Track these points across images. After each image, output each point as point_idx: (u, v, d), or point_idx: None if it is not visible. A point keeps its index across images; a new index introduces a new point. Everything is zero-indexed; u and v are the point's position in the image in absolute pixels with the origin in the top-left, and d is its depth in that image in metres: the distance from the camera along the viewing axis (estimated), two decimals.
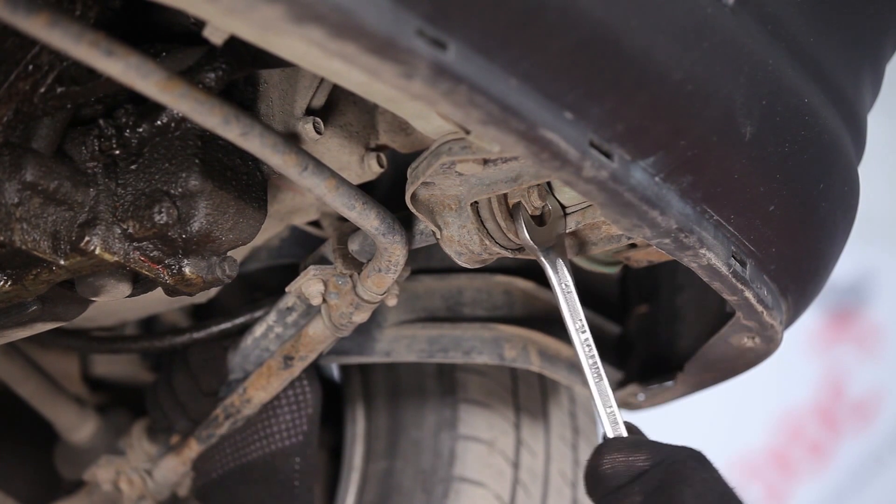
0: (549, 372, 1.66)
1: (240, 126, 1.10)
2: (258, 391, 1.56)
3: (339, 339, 1.52)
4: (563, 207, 1.33)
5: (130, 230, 1.24)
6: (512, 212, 1.29)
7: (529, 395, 1.83)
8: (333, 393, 1.92)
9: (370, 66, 0.96)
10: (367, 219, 1.28)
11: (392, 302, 1.48)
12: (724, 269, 1.22)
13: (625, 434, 1.27)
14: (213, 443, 1.62)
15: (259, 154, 1.14)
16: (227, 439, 1.62)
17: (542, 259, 1.30)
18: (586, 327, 1.29)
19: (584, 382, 1.30)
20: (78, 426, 1.85)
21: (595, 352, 1.29)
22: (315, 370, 1.62)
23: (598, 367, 1.29)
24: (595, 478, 1.23)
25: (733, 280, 1.24)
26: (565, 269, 1.30)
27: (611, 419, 1.28)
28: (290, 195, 1.48)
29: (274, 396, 1.59)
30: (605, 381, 1.28)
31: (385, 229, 1.30)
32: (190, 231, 1.25)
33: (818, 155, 1.28)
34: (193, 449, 1.63)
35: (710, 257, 1.20)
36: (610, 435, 1.27)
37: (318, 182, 1.20)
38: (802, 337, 3.97)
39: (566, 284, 1.30)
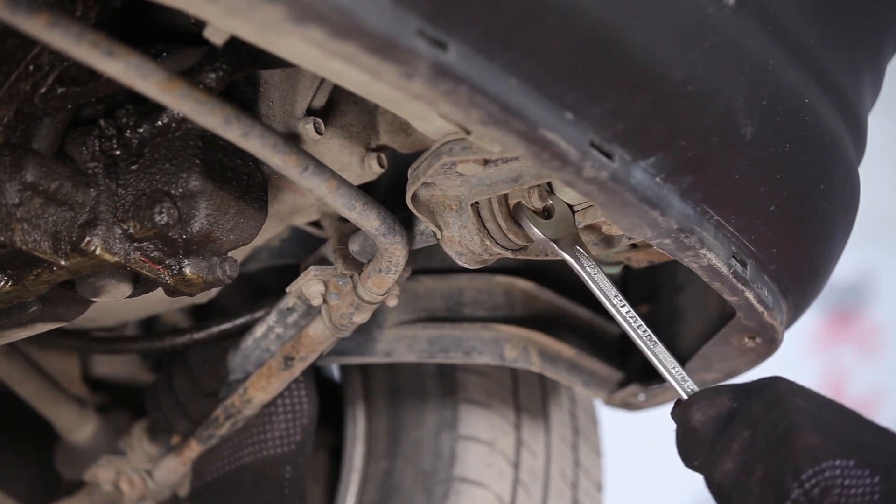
0: (550, 372, 1.66)
1: (240, 126, 1.10)
2: (259, 392, 1.56)
3: (339, 340, 1.52)
4: (571, 206, 1.33)
5: (131, 230, 1.24)
6: (514, 213, 1.29)
7: (530, 396, 1.83)
8: (334, 393, 1.92)
9: (371, 67, 0.96)
10: (368, 219, 1.28)
11: (392, 302, 1.48)
12: (724, 270, 1.22)
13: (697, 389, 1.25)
14: (214, 444, 1.62)
15: (259, 154, 1.14)
16: (224, 442, 1.62)
17: (559, 250, 1.29)
18: (624, 301, 1.28)
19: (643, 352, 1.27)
20: (78, 426, 1.85)
21: (641, 321, 1.28)
22: (315, 376, 1.62)
23: (649, 335, 1.28)
24: (691, 435, 1.20)
25: (734, 280, 1.24)
26: (585, 254, 1.30)
27: (679, 379, 1.26)
28: (291, 195, 1.48)
29: (271, 403, 1.59)
30: (661, 346, 1.27)
31: (386, 230, 1.30)
32: (190, 231, 1.25)
33: (819, 155, 1.28)
34: (194, 449, 1.62)
35: (711, 258, 1.21)
36: (683, 395, 1.25)
37: (319, 182, 1.20)
38: (803, 337, 3.97)
39: (591, 267, 1.30)
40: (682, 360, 1.59)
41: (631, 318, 1.28)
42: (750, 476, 1.14)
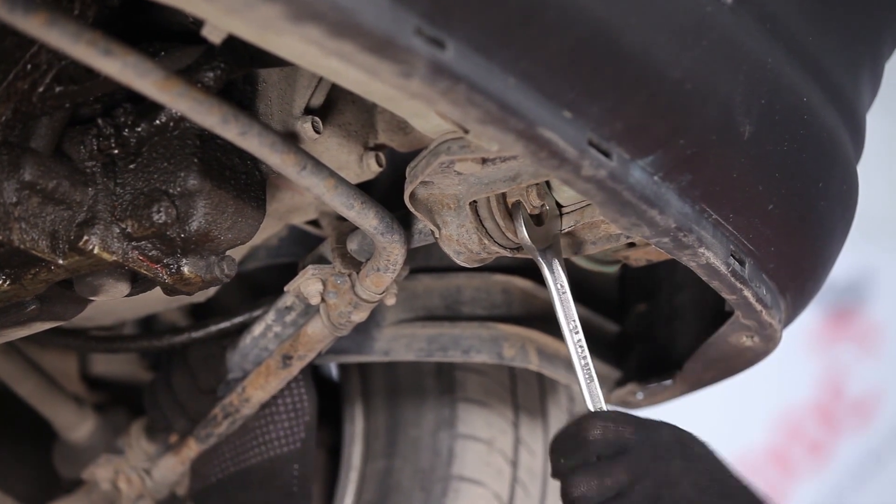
0: (548, 371, 1.65)
1: (238, 125, 1.10)
2: (257, 390, 1.56)
3: (337, 339, 1.52)
4: (560, 206, 1.33)
5: (129, 229, 1.24)
6: (511, 211, 1.29)
7: (528, 394, 1.83)
8: (332, 392, 1.92)
9: (368, 65, 0.96)
10: (366, 218, 1.27)
11: (391, 301, 1.47)
12: (722, 268, 1.22)
13: None
14: (212, 443, 1.61)
15: (257, 153, 1.14)
16: (224, 444, 1.61)
17: (539, 259, 1.30)
18: (579, 328, 1.30)
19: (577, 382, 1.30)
20: (76, 425, 1.85)
21: (587, 353, 1.29)
22: (313, 374, 1.62)
23: (589, 368, 1.29)
24: (577, 442, 1.19)
25: (732, 279, 1.24)
26: (561, 270, 1.31)
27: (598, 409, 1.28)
28: (289, 194, 1.48)
29: (271, 403, 1.59)
30: (596, 382, 1.29)
31: (384, 228, 1.30)
32: (188, 230, 1.25)
33: (817, 153, 1.28)
34: (192, 448, 1.62)
35: (709, 256, 1.20)
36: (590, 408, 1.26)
37: (317, 181, 1.20)
38: (801, 336, 3.97)
39: (561, 285, 1.31)
40: (681, 358, 1.59)
41: (580, 346, 1.30)
42: None
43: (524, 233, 1.28)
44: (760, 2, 1.18)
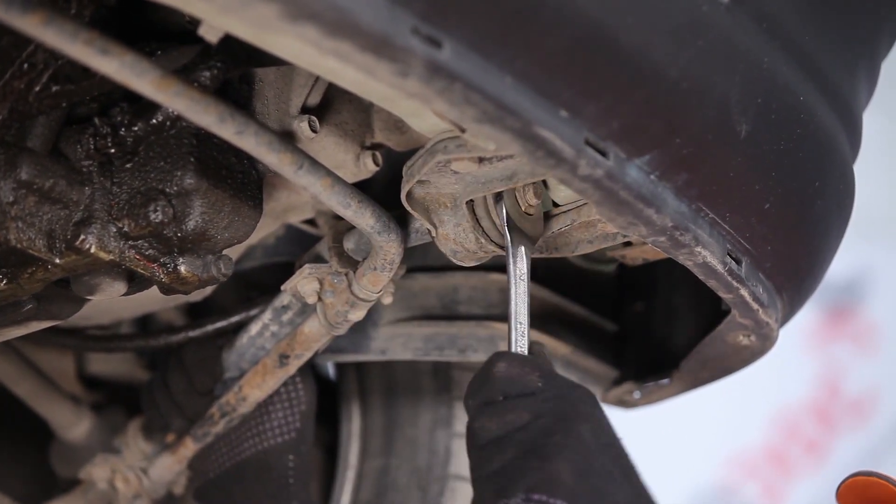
0: None
1: (235, 124, 1.10)
2: (254, 389, 1.56)
3: (334, 338, 1.52)
4: (556, 205, 1.33)
5: (126, 228, 1.24)
6: (496, 196, 1.28)
7: None
8: (329, 391, 1.92)
9: (365, 65, 0.96)
10: (363, 217, 1.28)
11: (388, 300, 1.48)
12: (719, 268, 1.22)
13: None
14: (210, 441, 1.62)
15: (254, 152, 1.14)
16: (222, 438, 1.61)
17: (508, 236, 1.27)
18: (526, 330, 1.27)
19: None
20: (73, 424, 1.85)
21: (526, 333, 1.27)
22: (310, 368, 1.62)
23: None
24: (483, 381, 1.20)
25: (729, 278, 1.24)
26: (525, 261, 1.29)
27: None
28: (286, 193, 1.48)
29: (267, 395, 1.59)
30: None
31: (380, 227, 1.30)
32: (185, 229, 1.25)
33: (813, 153, 1.29)
34: (189, 447, 1.62)
35: (706, 255, 1.21)
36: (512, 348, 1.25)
37: (314, 180, 1.20)
38: (799, 334, 3.97)
39: (522, 277, 1.29)
40: (678, 357, 1.59)
41: (521, 334, 1.27)
42: (499, 452, 1.15)
43: (503, 212, 1.26)
44: (757, 1, 1.18)
